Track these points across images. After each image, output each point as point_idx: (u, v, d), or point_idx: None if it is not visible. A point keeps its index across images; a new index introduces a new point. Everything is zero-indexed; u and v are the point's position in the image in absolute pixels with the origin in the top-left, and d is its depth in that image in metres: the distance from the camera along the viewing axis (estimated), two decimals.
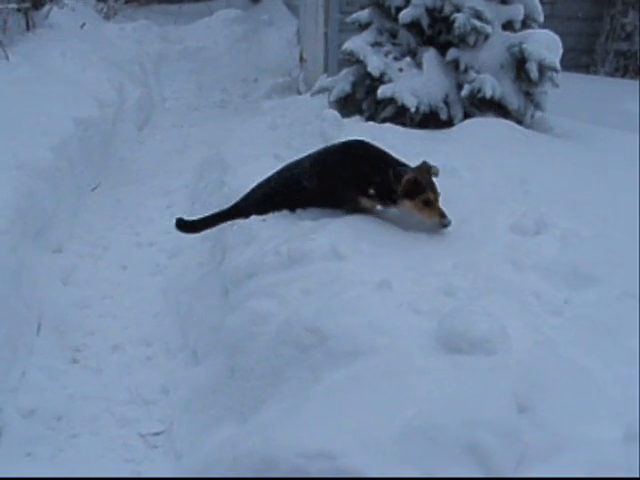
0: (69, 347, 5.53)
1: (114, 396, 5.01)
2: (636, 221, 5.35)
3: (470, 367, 3.38)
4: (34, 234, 6.32)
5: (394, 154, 5.23)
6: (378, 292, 4.05)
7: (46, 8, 11.70)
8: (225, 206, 5.84)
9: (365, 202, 5.19)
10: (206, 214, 5.88)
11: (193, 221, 5.85)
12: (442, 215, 4.94)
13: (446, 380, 3.32)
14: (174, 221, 5.90)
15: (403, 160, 5.18)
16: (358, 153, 5.27)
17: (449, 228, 4.96)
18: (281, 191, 5.51)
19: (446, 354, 3.51)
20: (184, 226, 5.88)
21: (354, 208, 5.20)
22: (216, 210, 5.90)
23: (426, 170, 5.06)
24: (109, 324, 5.85)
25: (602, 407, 3.25)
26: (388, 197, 5.07)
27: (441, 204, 4.98)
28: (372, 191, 5.09)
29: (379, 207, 5.24)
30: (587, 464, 2.94)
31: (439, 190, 5.00)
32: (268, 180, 5.66)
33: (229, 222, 5.65)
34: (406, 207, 5.00)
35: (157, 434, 4.65)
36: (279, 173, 5.63)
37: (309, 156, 5.59)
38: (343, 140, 5.58)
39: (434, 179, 5.05)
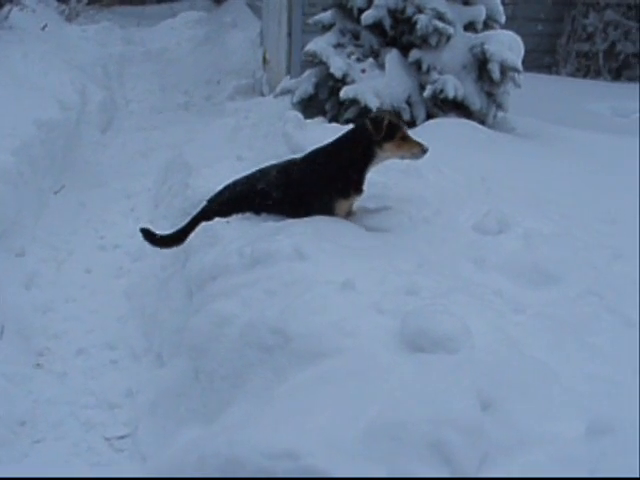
0: (33, 351, 5.49)
1: (79, 400, 4.99)
2: (597, 219, 5.41)
3: (433, 365, 3.40)
4: None
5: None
6: (342, 292, 4.06)
7: (6, 9, 11.57)
8: (193, 212, 5.82)
9: (342, 204, 5.30)
10: (177, 227, 5.82)
11: (165, 236, 5.81)
12: (419, 144, 5.31)
13: (410, 379, 3.34)
14: (141, 232, 5.87)
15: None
16: (320, 159, 5.43)
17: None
18: (248, 198, 5.53)
19: (410, 353, 3.53)
20: (156, 240, 5.85)
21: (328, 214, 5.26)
22: (186, 219, 5.86)
23: (387, 112, 5.51)
24: (73, 328, 5.81)
25: (565, 403, 3.27)
26: (356, 186, 5.31)
27: None
28: (339, 187, 5.27)
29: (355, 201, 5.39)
30: (550, 460, 2.96)
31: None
32: (234, 184, 5.67)
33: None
34: (387, 149, 5.26)
35: (122, 437, 4.64)
36: (246, 178, 5.65)
37: (275, 165, 5.64)
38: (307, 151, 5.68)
39: None
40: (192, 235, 5.48)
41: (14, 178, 6.91)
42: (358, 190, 5.33)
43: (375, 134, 5.20)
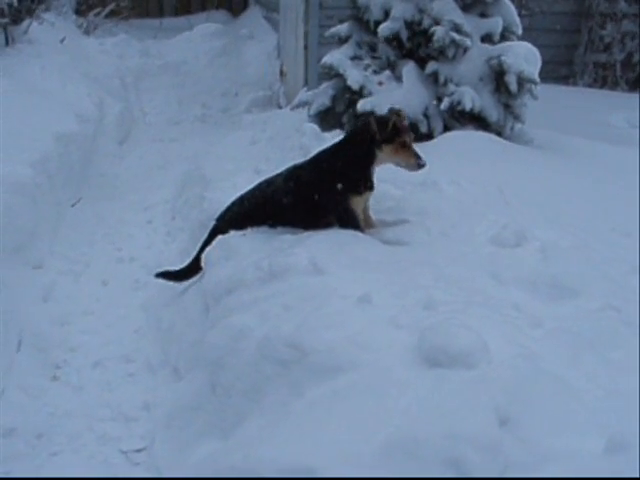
0: (49, 364, 5.49)
1: (95, 413, 4.98)
2: (614, 232, 5.39)
3: (451, 381, 3.38)
4: (13, 250, 6.27)
5: None
6: (358, 307, 4.05)
7: (25, 23, 11.61)
8: (210, 224, 5.85)
9: (357, 201, 5.30)
10: (190, 258, 5.88)
11: (182, 270, 5.89)
12: (417, 156, 5.21)
13: (427, 394, 3.32)
14: (158, 277, 6.00)
15: None
16: (329, 161, 5.43)
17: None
18: (258, 209, 5.56)
19: (427, 368, 3.51)
20: (176, 277, 5.94)
21: (342, 215, 5.27)
22: (203, 231, 5.89)
23: (398, 115, 5.32)
24: (90, 340, 5.81)
25: (584, 419, 3.24)
26: (365, 184, 5.32)
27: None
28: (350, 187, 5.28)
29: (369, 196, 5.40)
30: (569, 476, 2.93)
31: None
32: (241, 199, 5.70)
33: None
34: (385, 151, 5.23)
35: (139, 451, 4.62)
36: (253, 191, 5.67)
37: (280, 174, 5.67)
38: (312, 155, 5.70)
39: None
40: (208, 248, 5.49)
41: (32, 191, 6.92)
42: (369, 186, 5.35)
43: (377, 133, 5.18)
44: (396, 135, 5.20)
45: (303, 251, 4.74)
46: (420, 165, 5.22)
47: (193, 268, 5.78)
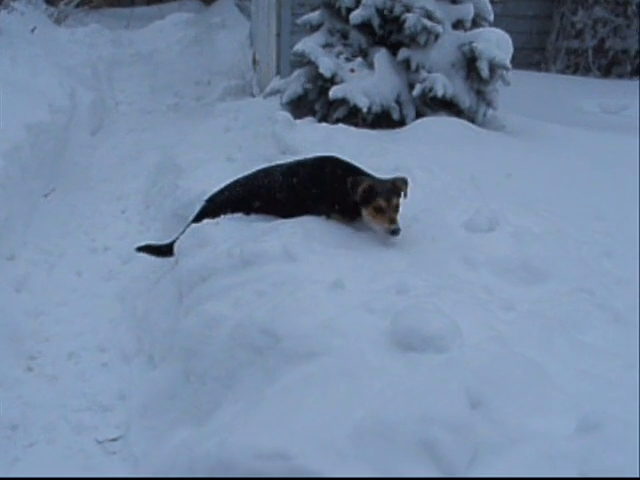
0: (24, 355, 5.47)
1: (70, 403, 4.96)
2: (587, 217, 5.42)
3: (423, 364, 3.40)
4: None
5: (365, 168, 5.30)
6: (331, 292, 4.06)
7: None
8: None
9: (338, 217, 5.27)
10: (178, 233, 5.82)
11: (170, 244, 5.80)
12: (392, 221, 4.89)
13: (399, 378, 3.34)
14: (141, 251, 6.00)
15: (375, 174, 5.25)
16: (329, 170, 5.34)
17: (397, 237, 4.90)
18: (249, 197, 5.56)
19: (399, 352, 3.53)
20: (162, 251, 5.90)
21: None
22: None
23: (397, 183, 5.07)
24: (64, 331, 5.79)
25: (555, 401, 3.27)
26: (356, 212, 5.12)
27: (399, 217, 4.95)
28: (337, 207, 5.21)
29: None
30: (541, 457, 2.96)
31: (398, 202, 4.98)
32: (235, 182, 5.69)
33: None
34: (363, 215, 5.03)
35: (114, 440, 4.62)
36: (247, 178, 5.66)
37: (280, 166, 5.66)
38: (317, 155, 5.60)
39: (404, 192, 5.06)
40: (182, 237, 5.49)
41: (4, 181, 6.89)
42: (354, 218, 5.22)
43: (352, 193, 5.01)
44: (371, 199, 4.94)
45: (276, 238, 4.75)
46: (391, 231, 4.87)
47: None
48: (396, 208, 4.95)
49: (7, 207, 6.82)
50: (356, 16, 7.99)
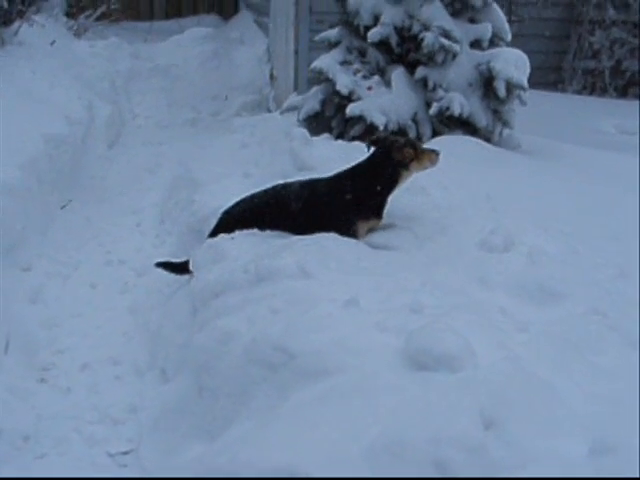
0: (37, 366, 5.49)
1: (82, 415, 4.97)
2: (602, 237, 5.41)
3: (436, 384, 3.40)
4: (2, 253, 6.26)
5: None
6: (345, 310, 4.06)
7: (16, 25, 11.58)
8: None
9: (363, 227, 5.39)
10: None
11: (182, 262, 5.85)
12: (433, 150, 5.59)
13: (413, 397, 3.34)
14: (160, 267, 6.00)
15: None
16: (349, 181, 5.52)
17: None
18: (266, 210, 5.61)
19: (413, 371, 3.53)
20: (180, 268, 5.90)
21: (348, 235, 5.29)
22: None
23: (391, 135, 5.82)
24: (78, 343, 5.81)
25: (568, 423, 3.26)
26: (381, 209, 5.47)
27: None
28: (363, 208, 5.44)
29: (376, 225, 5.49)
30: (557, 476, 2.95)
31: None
32: (252, 197, 5.74)
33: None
34: (413, 168, 5.49)
35: (126, 453, 4.62)
36: (266, 191, 5.72)
37: (298, 181, 5.75)
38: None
39: None
40: (198, 252, 5.50)
41: (21, 193, 6.92)
42: (377, 214, 5.46)
43: (404, 159, 5.41)
44: (416, 149, 5.50)
45: (291, 255, 4.75)
46: (438, 154, 5.53)
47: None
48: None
49: (24, 218, 6.85)
50: (374, 34, 8.01)
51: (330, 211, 5.42)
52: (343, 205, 5.41)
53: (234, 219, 5.63)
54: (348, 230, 5.29)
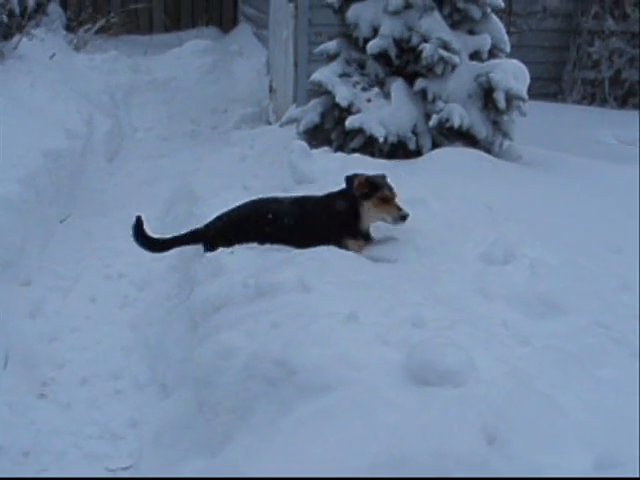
0: (37, 381, 5.47)
1: (82, 431, 4.97)
2: (604, 249, 5.39)
3: (438, 399, 3.38)
4: (1, 267, 6.27)
5: None
6: (346, 324, 4.04)
7: (15, 39, 11.62)
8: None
9: (352, 244, 5.40)
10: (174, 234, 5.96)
11: (160, 240, 6.00)
12: (399, 208, 5.35)
13: (415, 412, 3.32)
14: (134, 232, 6.07)
15: None
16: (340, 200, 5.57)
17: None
18: (254, 223, 5.62)
19: (414, 386, 3.51)
20: (150, 243, 6.00)
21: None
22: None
23: (381, 176, 5.56)
24: (78, 357, 5.79)
25: (571, 437, 3.24)
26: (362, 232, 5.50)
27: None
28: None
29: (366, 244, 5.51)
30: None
31: (395, 191, 5.44)
32: (239, 208, 5.77)
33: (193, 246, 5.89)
34: (366, 208, 5.40)
35: (126, 469, 4.61)
36: (239, 208, 5.78)
37: (289, 197, 5.84)
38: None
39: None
40: (197, 266, 5.50)
41: (20, 207, 6.92)
42: (364, 237, 5.51)
43: (355, 189, 5.42)
44: (374, 191, 5.39)
45: (291, 269, 4.75)
46: (402, 216, 5.34)
47: (163, 246, 6.07)
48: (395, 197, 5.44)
49: (23, 232, 6.84)
50: (373, 46, 8.00)
51: (321, 228, 5.50)
52: (329, 224, 5.53)
53: (213, 233, 5.73)
54: (339, 245, 5.35)
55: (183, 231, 6.09)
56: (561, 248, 5.32)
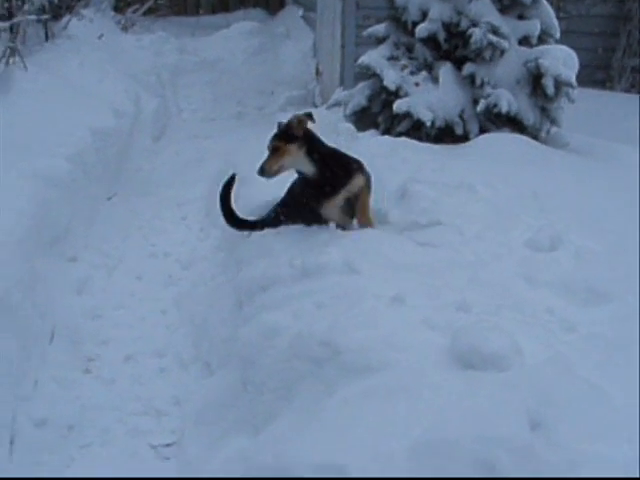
0: (82, 357, 5.52)
1: (126, 407, 5.00)
2: None
3: (483, 383, 3.38)
4: (49, 243, 6.31)
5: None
6: (391, 307, 4.05)
7: (65, 19, 11.73)
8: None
9: (330, 206, 5.43)
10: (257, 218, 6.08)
11: (247, 220, 6.10)
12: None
13: (459, 396, 3.32)
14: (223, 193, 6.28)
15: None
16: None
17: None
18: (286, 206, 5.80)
19: (459, 370, 3.51)
20: (234, 221, 6.12)
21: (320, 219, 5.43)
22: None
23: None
24: (122, 334, 5.83)
25: (616, 425, 3.21)
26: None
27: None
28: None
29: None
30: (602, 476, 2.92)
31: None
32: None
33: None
34: None
35: (168, 445, 4.64)
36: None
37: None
38: None
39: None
40: (243, 246, 5.52)
41: (68, 185, 6.97)
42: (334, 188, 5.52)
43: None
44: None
45: (336, 250, 4.75)
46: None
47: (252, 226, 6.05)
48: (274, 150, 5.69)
49: (70, 210, 6.90)
50: (422, 30, 7.98)
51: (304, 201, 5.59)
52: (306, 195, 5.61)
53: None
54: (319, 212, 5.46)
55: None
56: (607, 236, 5.28)
